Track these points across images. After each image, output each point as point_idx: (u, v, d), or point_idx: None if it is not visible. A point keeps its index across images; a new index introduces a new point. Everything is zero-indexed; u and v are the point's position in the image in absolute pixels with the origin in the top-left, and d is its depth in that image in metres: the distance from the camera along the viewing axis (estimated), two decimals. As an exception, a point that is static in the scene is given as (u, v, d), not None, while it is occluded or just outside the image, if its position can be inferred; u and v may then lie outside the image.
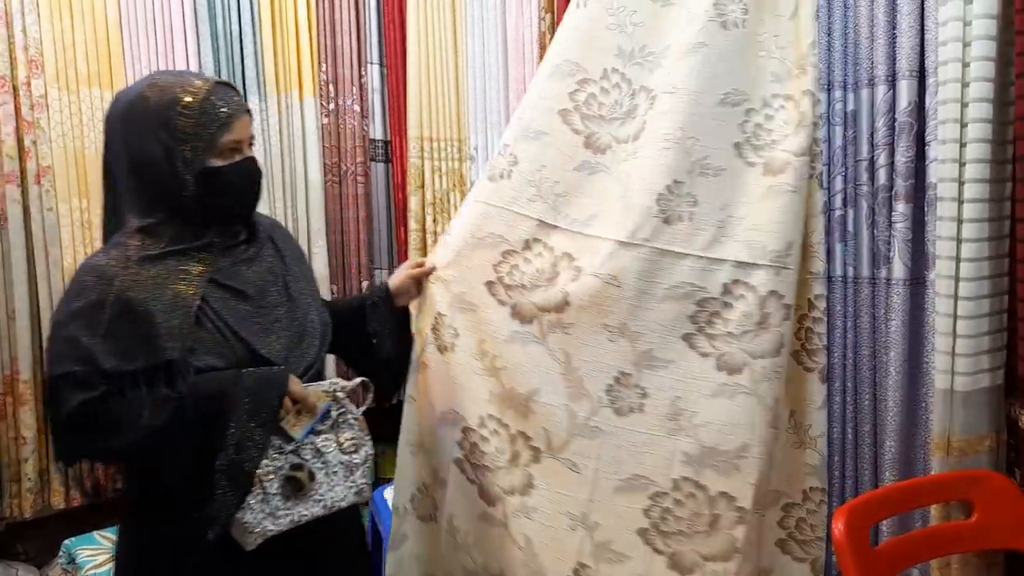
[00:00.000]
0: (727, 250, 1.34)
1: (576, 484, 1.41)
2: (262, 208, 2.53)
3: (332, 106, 2.80)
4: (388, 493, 1.93)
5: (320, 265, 2.62)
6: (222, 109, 1.25)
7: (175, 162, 1.23)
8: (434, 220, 2.67)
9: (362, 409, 1.37)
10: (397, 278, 1.60)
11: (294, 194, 2.70)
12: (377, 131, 2.90)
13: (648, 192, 1.36)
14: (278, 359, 1.28)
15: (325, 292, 2.56)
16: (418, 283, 1.59)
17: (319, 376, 1.38)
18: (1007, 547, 1.38)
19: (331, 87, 2.79)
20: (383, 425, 1.63)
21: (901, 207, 1.42)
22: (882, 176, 1.45)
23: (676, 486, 1.34)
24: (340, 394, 1.32)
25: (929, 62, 1.37)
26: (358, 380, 1.38)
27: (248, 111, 1.31)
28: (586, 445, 1.40)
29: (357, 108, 2.85)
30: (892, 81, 1.43)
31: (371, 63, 2.87)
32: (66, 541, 2.21)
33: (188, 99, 1.24)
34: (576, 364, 1.41)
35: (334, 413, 1.32)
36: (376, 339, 1.57)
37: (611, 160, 1.46)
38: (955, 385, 1.31)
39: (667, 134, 1.36)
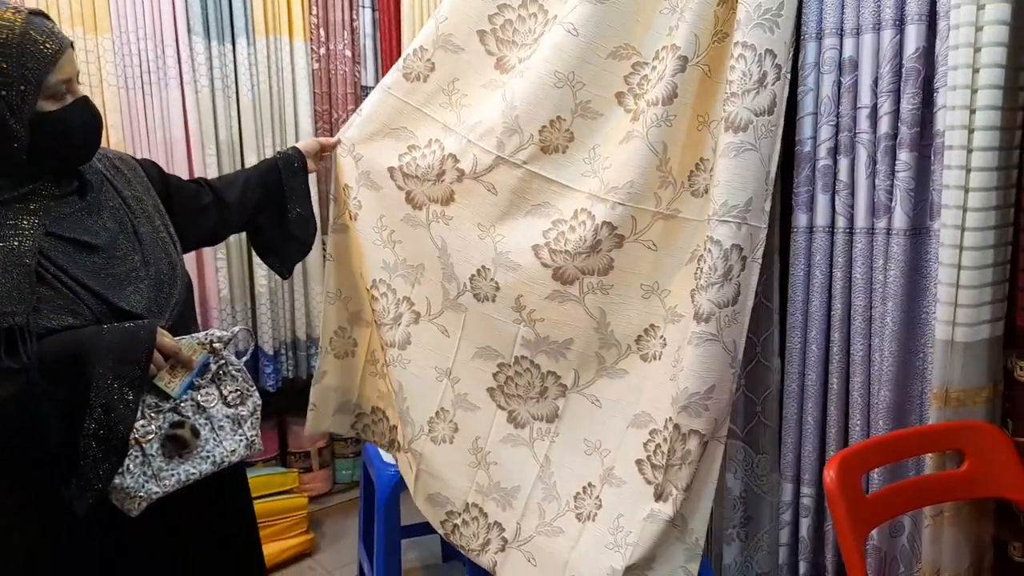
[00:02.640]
0: (586, 183, 1.56)
1: (445, 346, 1.68)
2: (251, 158, 2.53)
3: (323, 51, 2.73)
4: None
5: (312, 214, 2.59)
6: (45, 45, 1.11)
7: (1, 111, 1.09)
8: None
9: (244, 359, 1.32)
10: (307, 142, 1.77)
11: (283, 141, 2.65)
12: (369, 77, 2.84)
13: (534, 122, 1.56)
14: (141, 311, 1.19)
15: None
16: (321, 150, 1.77)
17: (184, 317, 1.30)
18: (997, 496, 1.39)
19: (321, 31, 2.72)
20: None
21: (905, 156, 1.39)
22: (885, 124, 1.42)
23: (517, 362, 1.64)
24: (217, 345, 1.25)
25: (940, 5, 1.33)
26: (236, 329, 1.33)
27: (72, 44, 1.17)
28: (454, 317, 1.68)
29: (348, 53, 2.78)
30: (900, 25, 1.39)
31: (363, 7, 2.80)
32: None
33: (1, 36, 1.08)
34: (450, 251, 1.66)
35: (213, 366, 1.26)
36: (291, 195, 1.67)
37: (507, 78, 1.63)
38: (956, 336, 1.31)
39: (559, 73, 1.53)
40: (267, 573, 1.56)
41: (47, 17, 1.16)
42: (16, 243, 1.10)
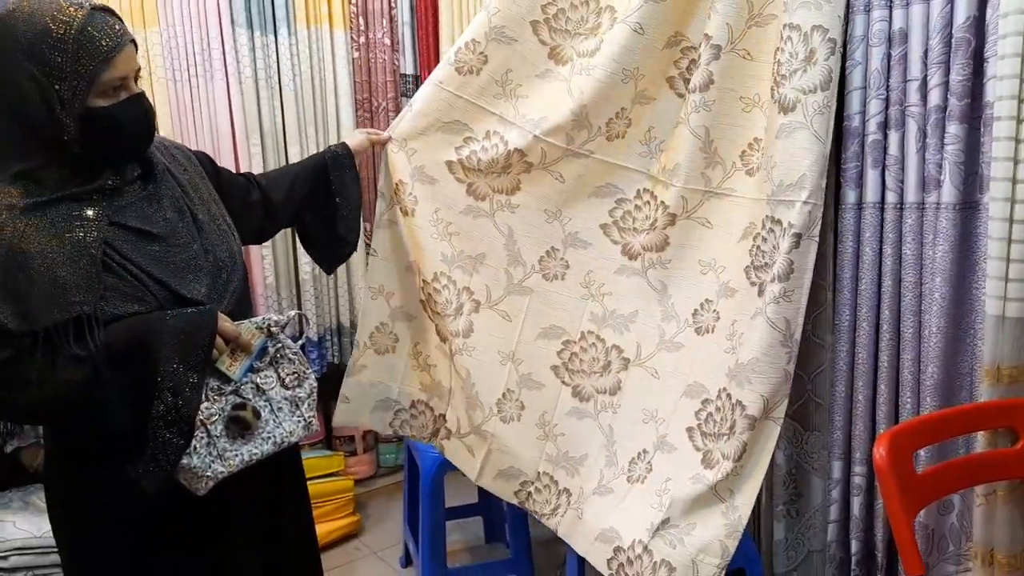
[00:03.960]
0: (644, 164, 1.66)
1: (507, 330, 1.74)
2: (294, 148, 2.57)
3: (362, 40, 2.76)
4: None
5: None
6: (102, 42, 1.10)
7: (51, 102, 1.09)
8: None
9: (299, 343, 1.34)
10: (356, 139, 1.76)
11: (326, 131, 2.69)
12: (408, 65, 2.86)
13: (601, 116, 1.64)
14: (202, 298, 1.21)
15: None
16: (371, 147, 1.78)
17: (242, 303, 1.32)
18: (1051, 475, 1.37)
19: (361, 20, 2.75)
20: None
21: (954, 128, 1.36)
22: (935, 96, 1.39)
23: (583, 337, 1.71)
24: (275, 329, 1.28)
25: (992, -28, 1.30)
26: (292, 313, 1.36)
27: (133, 41, 1.17)
28: (518, 300, 1.74)
29: (387, 42, 2.80)
30: (950, -7, 1.36)
31: (402, -6, 2.82)
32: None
33: (59, 30, 1.08)
34: (516, 237, 1.73)
35: (271, 349, 1.28)
36: (339, 194, 1.67)
37: (568, 72, 1.66)
38: (1007, 311, 1.28)
39: (627, 70, 1.60)
40: (319, 558, 1.58)
41: (111, 13, 1.16)
42: (82, 234, 1.12)
